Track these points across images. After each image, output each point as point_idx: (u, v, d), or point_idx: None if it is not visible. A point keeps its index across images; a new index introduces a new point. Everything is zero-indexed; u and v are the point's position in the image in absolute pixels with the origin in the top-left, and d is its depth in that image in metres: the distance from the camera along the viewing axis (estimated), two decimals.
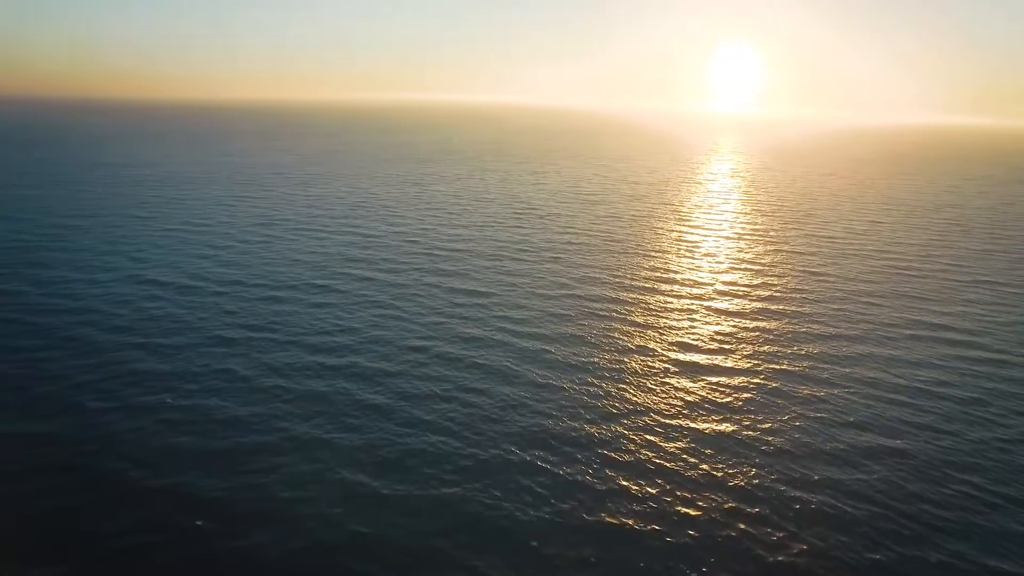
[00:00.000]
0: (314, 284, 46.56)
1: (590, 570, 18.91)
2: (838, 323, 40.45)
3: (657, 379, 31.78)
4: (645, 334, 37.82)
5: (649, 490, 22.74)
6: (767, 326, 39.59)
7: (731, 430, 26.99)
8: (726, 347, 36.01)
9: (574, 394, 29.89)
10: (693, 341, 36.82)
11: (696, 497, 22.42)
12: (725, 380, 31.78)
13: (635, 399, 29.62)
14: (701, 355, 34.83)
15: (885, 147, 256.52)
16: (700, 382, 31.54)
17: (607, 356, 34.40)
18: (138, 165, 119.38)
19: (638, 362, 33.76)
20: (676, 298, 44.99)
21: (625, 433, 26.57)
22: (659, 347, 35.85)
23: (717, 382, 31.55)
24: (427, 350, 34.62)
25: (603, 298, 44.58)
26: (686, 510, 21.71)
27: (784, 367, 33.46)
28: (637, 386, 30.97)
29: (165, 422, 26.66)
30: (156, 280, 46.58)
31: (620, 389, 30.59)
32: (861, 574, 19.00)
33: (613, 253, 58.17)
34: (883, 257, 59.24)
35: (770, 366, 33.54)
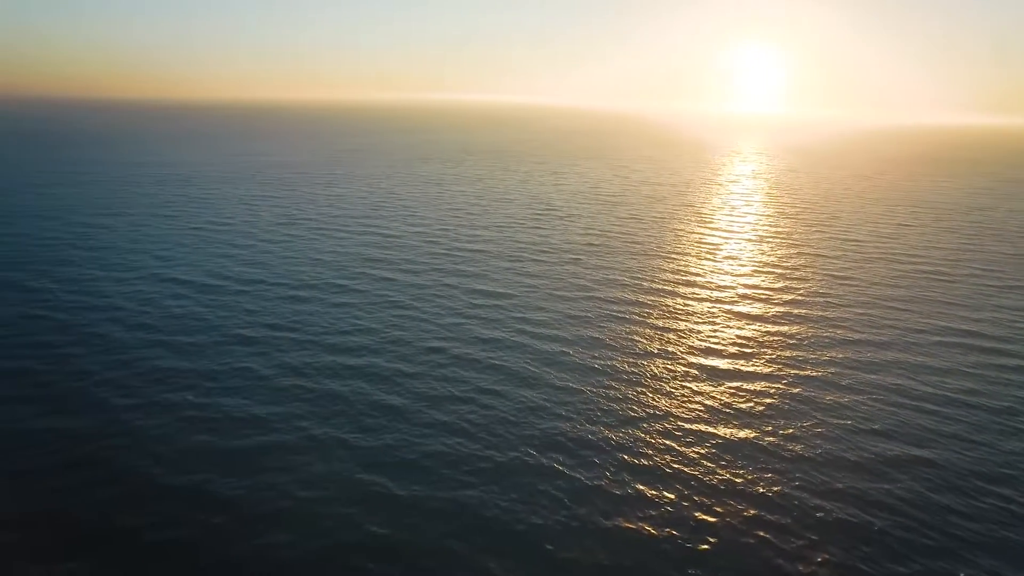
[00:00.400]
0: (334, 284, 46.83)
1: (606, 575, 18.71)
2: (863, 328, 39.67)
3: (677, 383, 31.41)
4: (665, 337, 37.43)
5: (667, 496, 22.44)
6: (789, 330, 38.96)
7: (752, 436, 26.56)
8: (747, 351, 35.49)
9: (592, 397, 29.65)
10: (714, 345, 36.35)
11: (715, 504, 22.07)
12: (746, 385, 31.31)
13: (654, 403, 29.29)
14: (722, 359, 34.37)
15: (911, 148, 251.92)
16: (721, 387, 31.11)
17: (626, 359, 34.09)
18: (162, 164, 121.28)
19: (658, 366, 33.41)
20: (697, 301, 44.50)
21: (643, 438, 26.28)
22: (679, 351, 35.45)
23: (738, 387, 31.09)
24: (445, 351, 34.59)
25: (623, 300, 44.22)
26: (704, 517, 21.37)
27: (807, 373, 32.88)
28: (656, 390, 30.63)
29: (187, 420, 26.93)
30: (179, 279, 47.19)
31: (639, 393, 30.29)
32: None
33: (633, 255, 57.74)
34: (910, 261, 58.06)
35: (792, 371, 32.98)
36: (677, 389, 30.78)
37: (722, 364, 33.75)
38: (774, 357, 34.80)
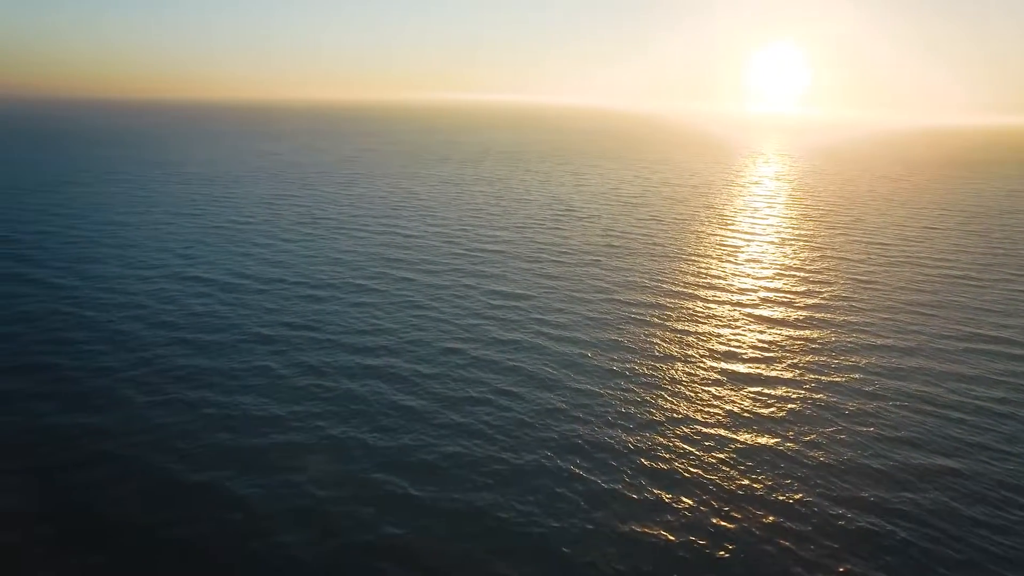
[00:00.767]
0: (354, 283, 47.05)
1: None
2: (888, 334, 38.91)
3: (697, 388, 31.05)
4: (685, 341, 37.04)
5: (685, 501, 22.16)
6: (812, 335, 38.35)
7: (773, 443, 26.14)
8: (769, 356, 34.98)
9: (611, 400, 29.41)
10: (735, 349, 35.89)
11: (733, 510, 21.74)
12: (767, 390, 30.85)
13: (673, 408, 28.97)
14: (743, 364, 33.91)
15: (938, 150, 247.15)
16: (741, 392, 30.68)
17: (646, 363, 33.79)
18: (186, 164, 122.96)
19: (678, 370, 33.06)
20: (718, 304, 43.99)
21: (662, 442, 26.00)
22: (699, 355, 35.05)
23: (759, 392, 30.65)
24: (464, 352, 34.56)
25: (643, 303, 43.87)
26: (723, 524, 21.06)
27: (830, 378, 32.31)
28: (676, 394, 30.30)
29: (206, 417, 27.19)
30: (201, 277, 47.74)
31: (658, 397, 29.98)
32: None
33: (654, 257, 57.29)
34: (938, 265, 56.88)
35: (815, 377, 32.43)
36: (697, 393, 30.43)
37: (743, 368, 33.31)
38: (796, 362, 34.26)
